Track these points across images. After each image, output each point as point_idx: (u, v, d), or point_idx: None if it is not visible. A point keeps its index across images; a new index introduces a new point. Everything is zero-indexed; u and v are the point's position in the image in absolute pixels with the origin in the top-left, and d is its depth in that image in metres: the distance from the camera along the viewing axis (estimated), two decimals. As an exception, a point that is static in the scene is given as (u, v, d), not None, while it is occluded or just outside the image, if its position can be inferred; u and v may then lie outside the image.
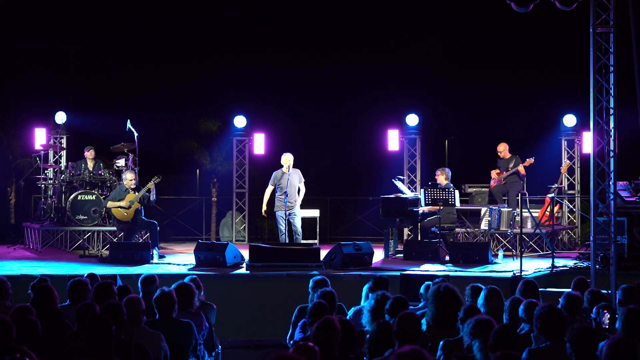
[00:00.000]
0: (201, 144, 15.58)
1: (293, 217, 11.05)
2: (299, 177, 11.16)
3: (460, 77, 16.17)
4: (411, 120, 14.28)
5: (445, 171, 11.39)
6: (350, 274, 9.28)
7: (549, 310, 4.65)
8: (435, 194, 10.70)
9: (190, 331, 5.56)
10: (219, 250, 9.80)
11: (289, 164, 10.98)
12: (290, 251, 9.76)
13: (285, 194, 10.76)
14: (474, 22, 16.15)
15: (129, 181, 10.99)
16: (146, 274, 6.72)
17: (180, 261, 10.49)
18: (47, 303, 5.46)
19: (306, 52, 16.87)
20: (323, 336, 4.26)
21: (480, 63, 16.22)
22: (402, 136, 14.48)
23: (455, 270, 9.55)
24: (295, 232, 11.07)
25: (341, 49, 16.94)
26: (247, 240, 14.65)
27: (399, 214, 11.06)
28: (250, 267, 9.59)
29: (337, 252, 9.83)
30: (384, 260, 10.87)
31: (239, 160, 14.94)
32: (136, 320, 5.21)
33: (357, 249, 9.92)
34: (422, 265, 10.00)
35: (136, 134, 12.45)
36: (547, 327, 4.57)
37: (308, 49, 16.96)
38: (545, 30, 15.60)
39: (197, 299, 6.22)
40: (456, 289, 5.34)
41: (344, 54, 16.90)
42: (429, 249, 10.54)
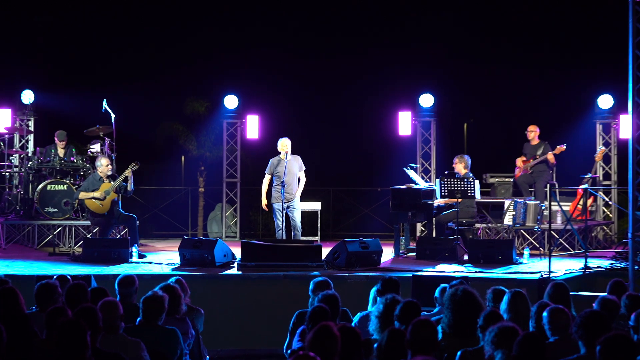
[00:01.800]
0: (187, 127, 15.58)
1: (292, 211, 11.04)
2: (299, 164, 11.13)
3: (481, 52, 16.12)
4: (425, 100, 14.25)
5: (463, 159, 11.37)
6: (356, 275, 9.28)
7: (593, 316, 4.61)
8: (452, 185, 10.68)
9: (175, 339, 5.55)
10: (207, 248, 9.79)
11: (286, 150, 10.95)
12: (288, 249, 9.75)
13: (283, 184, 10.73)
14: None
15: (104, 167, 10.96)
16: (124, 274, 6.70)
17: (163, 260, 10.49)
18: (12, 308, 5.43)
19: (306, 26, 16.83)
20: (319, 345, 4.17)
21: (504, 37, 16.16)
22: (414, 119, 14.46)
23: (474, 271, 9.55)
24: (294, 228, 11.06)
25: (345, 21, 16.90)
26: (238, 237, 14.66)
27: (411, 207, 11.06)
28: (243, 266, 9.58)
29: (340, 250, 9.82)
30: (394, 259, 10.87)
31: (230, 145, 14.93)
32: (113, 327, 5.20)
33: (363, 246, 9.92)
34: (437, 266, 10.01)
35: (113, 115, 12.41)
36: (593, 335, 4.49)
37: (308, 22, 16.92)
38: (577, 0, 15.57)
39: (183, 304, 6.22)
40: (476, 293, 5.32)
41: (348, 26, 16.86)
42: (445, 247, 10.54)
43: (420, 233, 14.06)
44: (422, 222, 13.64)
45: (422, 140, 14.55)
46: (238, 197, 14.95)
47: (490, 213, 12.60)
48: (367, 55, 16.58)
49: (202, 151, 15.62)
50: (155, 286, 6.15)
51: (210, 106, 15.46)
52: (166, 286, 6.17)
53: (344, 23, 16.91)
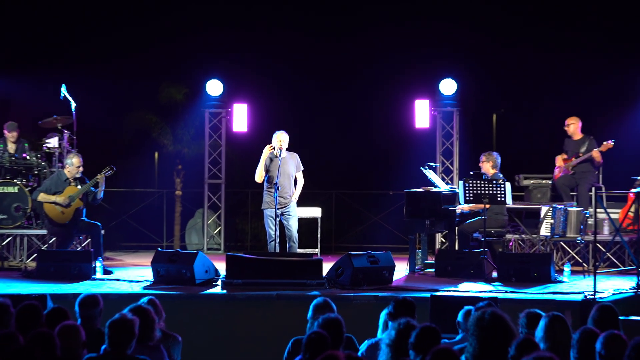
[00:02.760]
0: (162, 117, 15.61)
1: (287, 218, 11.04)
2: (296, 163, 11.13)
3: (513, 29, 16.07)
4: (446, 87, 14.26)
5: (492, 157, 11.38)
6: (363, 295, 9.27)
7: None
8: (478, 188, 10.67)
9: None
10: (185, 262, 9.80)
11: (281, 146, 10.95)
12: (282, 264, 9.75)
13: (276, 187, 10.72)
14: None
15: (74, 168, 10.99)
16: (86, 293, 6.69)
17: (133, 277, 10.50)
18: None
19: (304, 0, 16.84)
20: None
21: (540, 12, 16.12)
22: (434, 109, 14.47)
23: (505, 290, 9.55)
24: (289, 238, 11.06)
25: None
26: (223, 249, 14.68)
27: (429, 215, 11.07)
28: (228, 285, 9.58)
29: (345, 266, 9.83)
30: (409, 276, 10.89)
31: (213, 140, 14.95)
32: (74, 356, 5.19)
33: (372, 261, 9.93)
34: (460, 284, 10.00)
35: (74, 104, 12.42)
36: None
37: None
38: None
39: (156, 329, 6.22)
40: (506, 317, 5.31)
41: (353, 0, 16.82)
42: (470, 262, 10.54)
43: (440, 245, 14.04)
44: (443, 233, 13.62)
45: (443, 134, 14.55)
46: (222, 202, 14.95)
47: (524, 222, 12.58)
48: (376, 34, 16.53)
49: (179, 147, 15.65)
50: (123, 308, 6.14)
51: (189, 93, 15.49)
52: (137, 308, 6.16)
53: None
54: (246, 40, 16.44)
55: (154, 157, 16.74)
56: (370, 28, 16.59)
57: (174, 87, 15.56)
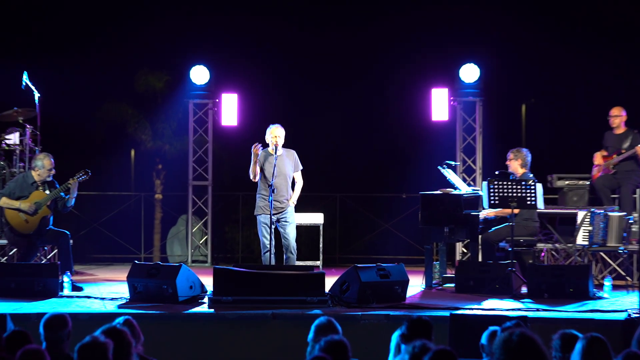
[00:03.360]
0: (139, 110, 15.63)
1: (283, 225, 11.02)
2: (294, 162, 11.10)
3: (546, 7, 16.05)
4: (468, 73, 14.27)
5: (521, 154, 11.37)
6: (372, 314, 9.25)
7: None
8: (505, 190, 10.65)
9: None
10: (167, 277, 9.78)
11: (277, 142, 10.93)
12: (279, 278, 9.74)
13: (271, 189, 10.70)
14: None
15: (44, 171, 10.97)
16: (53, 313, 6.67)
17: (106, 293, 10.47)
18: None
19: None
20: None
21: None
22: (453, 99, 14.48)
23: (536, 308, 9.53)
24: (287, 249, 11.04)
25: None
26: (210, 262, 14.67)
27: (448, 221, 11.06)
28: (216, 302, 9.56)
29: (351, 280, 9.81)
30: (425, 292, 10.89)
31: (199, 135, 14.93)
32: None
33: (382, 274, 9.91)
34: (484, 301, 9.98)
35: (37, 94, 12.40)
36: None
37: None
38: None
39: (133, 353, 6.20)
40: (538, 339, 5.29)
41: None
42: (496, 275, 10.53)
43: (460, 256, 14.02)
44: (464, 242, 13.59)
45: (464, 128, 14.54)
46: (209, 207, 14.93)
47: (558, 229, 12.57)
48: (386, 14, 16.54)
49: (159, 143, 15.66)
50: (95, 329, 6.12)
51: (170, 81, 15.51)
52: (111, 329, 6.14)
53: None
54: (236, 20, 16.33)
55: (130, 156, 16.71)
56: (379, 7, 16.58)
57: (152, 74, 15.56)
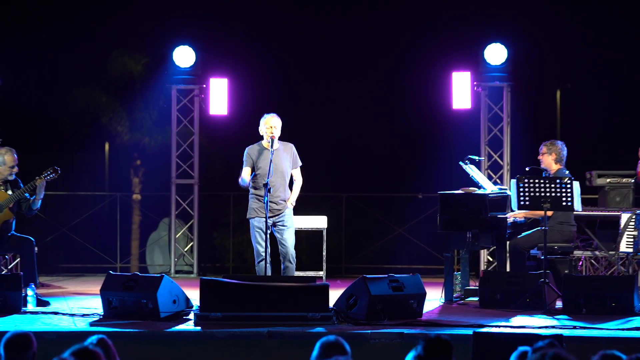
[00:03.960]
0: (114, 96, 15.63)
1: (281, 230, 10.99)
2: (292, 157, 11.08)
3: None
4: (494, 54, 14.26)
5: (555, 147, 11.35)
6: (384, 333, 9.22)
7: None
8: (537, 189, 10.61)
9: None
10: (146, 290, 9.77)
11: (273, 134, 10.91)
12: (275, 291, 9.72)
13: (267, 188, 10.68)
14: None
15: (7, 168, 10.96)
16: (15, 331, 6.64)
17: (76, 309, 10.45)
18: None
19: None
20: None
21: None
22: (477, 84, 14.47)
23: (572, 326, 9.51)
24: (285, 257, 11.02)
25: None
26: (196, 272, 14.66)
27: (471, 225, 11.05)
28: (203, 319, 9.55)
29: (359, 293, 9.79)
30: (445, 307, 10.89)
31: (183, 126, 14.90)
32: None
33: (395, 287, 9.89)
34: (513, 318, 9.97)
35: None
36: None
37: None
38: None
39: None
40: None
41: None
42: (526, 287, 10.51)
43: (486, 266, 14.00)
44: (489, 249, 13.56)
45: (490, 117, 14.53)
46: (195, 209, 14.90)
47: (598, 234, 12.54)
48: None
49: (137, 135, 15.66)
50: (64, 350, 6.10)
51: (150, 64, 15.50)
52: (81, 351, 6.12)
53: None
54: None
55: (104, 150, 16.70)
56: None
57: (129, 55, 15.56)
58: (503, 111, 14.48)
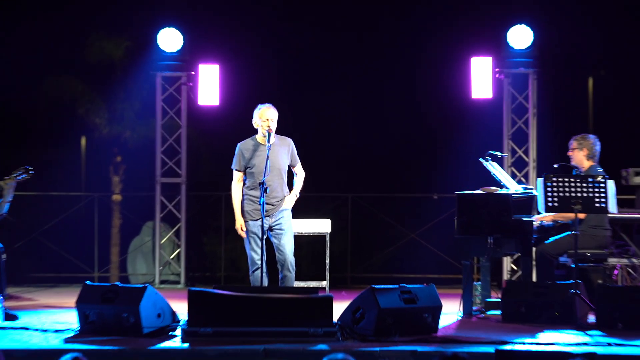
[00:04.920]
0: (91, 85, 15.64)
1: (278, 235, 10.98)
2: (290, 153, 11.07)
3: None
4: (518, 38, 14.30)
5: (587, 142, 11.37)
6: (395, 351, 9.22)
7: None
8: (567, 189, 10.62)
9: None
10: (128, 302, 9.76)
11: (269, 127, 10.91)
12: (273, 303, 9.71)
13: (263, 188, 10.68)
14: None
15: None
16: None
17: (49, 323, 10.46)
18: None
19: None
20: None
21: None
22: (499, 70, 14.50)
23: (607, 343, 9.49)
24: (283, 265, 11.01)
25: None
26: (183, 282, 14.68)
27: (493, 229, 11.05)
28: (191, 335, 9.54)
29: (367, 306, 9.78)
30: (463, 321, 10.90)
31: (169, 118, 14.92)
32: None
33: (407, 299, 9.88)
34: (539, 334, 9.96)
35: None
36: None
37: None
38: None
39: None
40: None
41: None
42: (555, 299, 10.52)
43: (509, 275, 13.99)
44: (513, 256, 13.56)
45: (513, 108, 14.55)
46: (183, 212, 14.90)
47: (635, 239, 12.54)
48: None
49: (118, 129, 15.68)
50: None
51: (132, 47, 15.52)
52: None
53: None
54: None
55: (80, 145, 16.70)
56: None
57: (108, 39, 15.55)
58: (528, 101, 14.49)
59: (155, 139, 14.94)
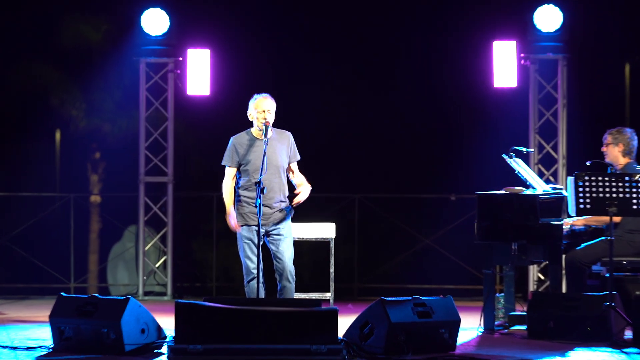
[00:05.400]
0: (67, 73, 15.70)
1: (276, 241, 10.95)
2: (290, 149, 11.04)
3: None
4: (545, 19, 14.32)
5: (623, 136, 11.38)
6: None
7: None
8: (601, 189, 10.57)
9: None
10: (108, 316, 9.79)
11: (266, 120, 10.84)
12: (271, 318, 9.69)
13: (259, 188, 10.62)
14: None
15: None
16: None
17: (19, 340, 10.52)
18: None
19: None
20: None
21: None
22: (525, 56, 14.54)
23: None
24: (282, 275, 10.98)
25: None
26: (170, 294, 14.74)
27: (517, 234, 11.07)
28: (179, 353, 9.50)
29: (376, 320, 9.81)
30: (484, 337, 10.95)
31: (154, 110, 14.97)
32: None
33: (421, 312, 9.91)
34: (570, 352, 10.00)
35: None
36: None
37: None
38: None
39: None
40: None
41: None
42: (587, 313, 10.52)
43: (535, 286, 13.99)
44: (540, 264, 13.51)
45: (540, 98, 14.58)
46: (169, 215, 14.94)
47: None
48: None
49: (96, 121, 15.77)
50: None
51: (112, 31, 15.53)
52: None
53: None
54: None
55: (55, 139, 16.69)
56: None
57: (86, 21, 15.57)
58: (557, 90, 14.51)
59: (139, 133, 14.96)
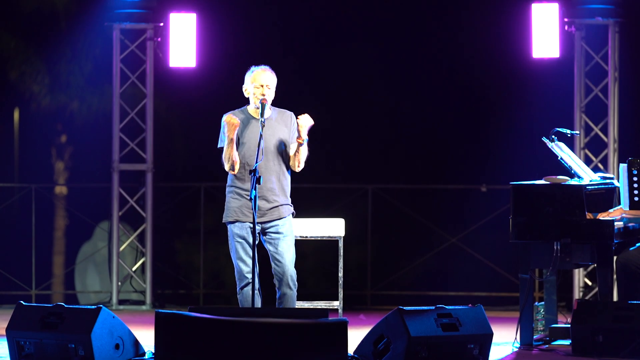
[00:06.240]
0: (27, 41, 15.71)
1: (274, 240, 10.97)
2: (291, 131, 11.05)
3: None
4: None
5: (686, 117, 11.34)
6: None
7: None
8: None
9: None
10: (76, 329, 9.86)
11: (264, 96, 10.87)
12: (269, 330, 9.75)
13: (254, 177, 10.65)
14: None
15: None
16: None
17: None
18: None
19: None
20: None
21: None
22: (569, 20, 14.53)
23: None
24: (281, 280, 11.00)
25: None
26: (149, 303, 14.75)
27: (560, 232, 11.08)
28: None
29: (393, 333, 9.87)
30: (521, 353, 11.00)
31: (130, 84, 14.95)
32: None
33: (446, 324, 9.96)
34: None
35: None
36: None
37: None
38: None
39: None
40: None
41: None
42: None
43: (581, 293, 14.01)
44: (587, 267, 13.55)
45: (587, 71, 14.59)
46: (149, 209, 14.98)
47: None
48: None
49: (62, 98, 15.81)
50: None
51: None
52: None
53: None
54: None
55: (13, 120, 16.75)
56: None
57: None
58: (608, 62, 14.51)
59: (112, 112, 14.97)
